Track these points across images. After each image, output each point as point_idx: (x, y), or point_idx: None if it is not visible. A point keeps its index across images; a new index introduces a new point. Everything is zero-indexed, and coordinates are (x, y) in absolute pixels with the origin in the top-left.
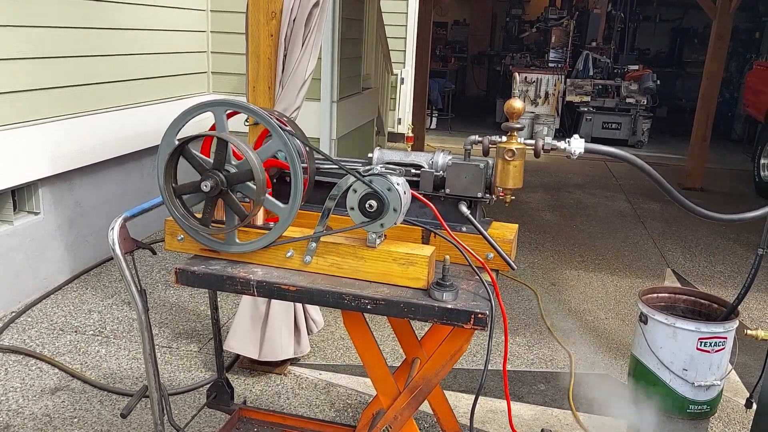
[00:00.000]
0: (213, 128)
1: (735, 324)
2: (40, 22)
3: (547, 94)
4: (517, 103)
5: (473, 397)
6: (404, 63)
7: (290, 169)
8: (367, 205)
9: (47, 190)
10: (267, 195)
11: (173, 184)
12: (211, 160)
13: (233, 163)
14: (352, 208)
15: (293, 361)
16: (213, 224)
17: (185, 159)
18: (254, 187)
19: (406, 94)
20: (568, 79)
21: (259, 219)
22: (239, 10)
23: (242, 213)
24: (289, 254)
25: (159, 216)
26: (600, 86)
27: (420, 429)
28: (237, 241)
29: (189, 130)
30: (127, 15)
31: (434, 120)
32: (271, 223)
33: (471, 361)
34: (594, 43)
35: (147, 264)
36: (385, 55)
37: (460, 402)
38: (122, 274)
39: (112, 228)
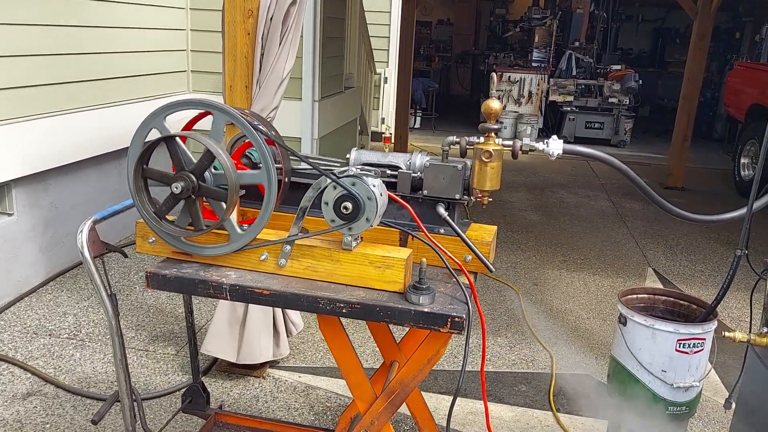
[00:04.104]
0: (188, 126)
1: (713, 325)
2: (14, 19)
3: (530, 93)
4: (494, 104)
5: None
6: (387, 62)
7: (260, 157)
8: (342, 207)
9: (21, 191)
10: (230, 218)
11: (143, 165)
12: (193, 160)
13: (212, 171)
14: (333, 220)
15: (272, 364)
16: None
17: (168, 150)
18: (224, 206)
19: (389, 94)
20: (551, 79)
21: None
22: (219, 8)
23: (199, 225)
24: (263, 257)
25: (137, 217)
26: (583, 86)
27: None
28: (209, 243)
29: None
30: (105, 12)
31: (418, 119)
32: (245, 226)
33: (452, 362)
34: (577, 43)
35: (125, 265)
36: (368, 54)
37: (440, 404)
38: (91, 278)
39: (81, 231)
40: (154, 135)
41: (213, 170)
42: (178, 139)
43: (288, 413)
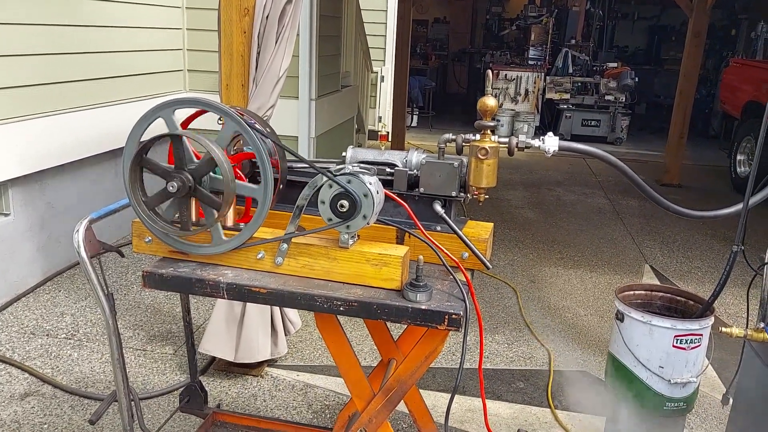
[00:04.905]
0: (184, 124)
1: (710, 321)
2: (11, 18)
3: (527, 91)
4: (489, 101)
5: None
6: (384, 61)
7: (256, 156)
8: (338, 206)
9: (18, 191)
10: (238, 180)
11: (143, 198)
12: (195, 160)
13: (195, 160)
14: (330, 219)
15: (270, 363)
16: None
17: (148, 170)
18: (221, 177)
19: (386, 92)
20: (547, 77)
21: (230, 220)
22: (215, 7)
23: (216, 204)
24: (259, 256)
25: (133, 217)
26: (579, 83)
27: (398, 429)
28: (207, 242)
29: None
30: (102, 12)
31: (415, 118)
32: (242, 224)
33: (450, 360)
34: (573, 41)
35: (122, 265)
36: (365, 52)
37: (438, 401)
38: (88, 277)
39: (77, 230)
40: (149, 134)
41: (212, 174)
42: (185, 138)
43: (286, 412)
